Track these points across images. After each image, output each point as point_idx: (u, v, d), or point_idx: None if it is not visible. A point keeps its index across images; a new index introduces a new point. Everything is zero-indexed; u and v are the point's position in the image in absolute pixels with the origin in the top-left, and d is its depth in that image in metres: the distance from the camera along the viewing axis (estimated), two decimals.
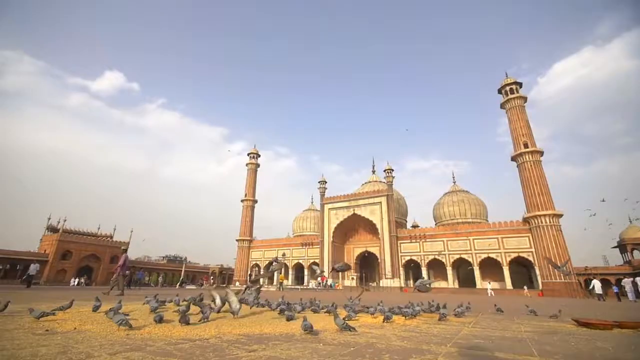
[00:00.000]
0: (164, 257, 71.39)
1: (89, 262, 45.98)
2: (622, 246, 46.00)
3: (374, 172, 64.46)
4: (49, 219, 44.64)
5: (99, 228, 51.11)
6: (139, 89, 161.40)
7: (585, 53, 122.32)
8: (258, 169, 65.58)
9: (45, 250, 42.90)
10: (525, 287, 34.94)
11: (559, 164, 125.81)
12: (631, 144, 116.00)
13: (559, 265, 25.59)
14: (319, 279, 45.33)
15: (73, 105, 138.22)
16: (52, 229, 44.33)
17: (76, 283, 40.49)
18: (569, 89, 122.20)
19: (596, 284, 23.15)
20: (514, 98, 42.69)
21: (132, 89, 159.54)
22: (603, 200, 31.92)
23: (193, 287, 37.04)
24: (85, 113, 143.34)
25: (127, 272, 13.58)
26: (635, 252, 44.19)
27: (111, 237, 50.32)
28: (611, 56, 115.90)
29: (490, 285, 35.00)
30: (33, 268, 18.47)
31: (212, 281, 39.33)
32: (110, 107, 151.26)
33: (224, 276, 50.35)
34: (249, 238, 59.78)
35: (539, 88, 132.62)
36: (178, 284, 32.24)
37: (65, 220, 43.92)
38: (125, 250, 13.42)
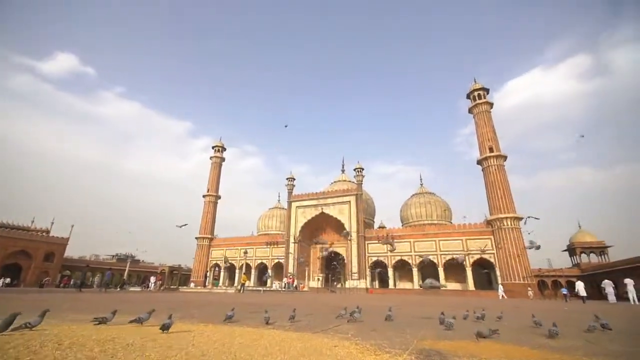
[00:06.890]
0: (113, 255, 65.07)
1: (18, 260, 40.04)
2: (571, 250, 48.76)
3: (343, 171, 63.52)
4: None
5: (32, 221, 45.05)
6: (94, 74, 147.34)
7: (535, 73, 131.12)
8: (223, 163, 62.17)
9: None
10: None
11: (508, 174, 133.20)
12: (572, 159, 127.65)
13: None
14: (285, 280, 43.07)
15: (18, 87, 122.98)
16: None
17: (0, 284, 34.89)
18: (520, 106, 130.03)
19: (579, 286, 21.93)
20: (481, 103, 43.78)
21: (86, 74, 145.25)
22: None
23: (138, 288, 33.14)
24: (32, 96, 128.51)
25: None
26: (583, 255, 46.99)
27: (47, 232, 44.47)
28: (556, 78, 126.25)
29: (501, 288, 31.94)
30: None
31: (159, 283, 35.48)
32: (59, 91, 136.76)
33: (175, 276, 46.23)
34: (209, 236, 56.07)
35: (495, 102, 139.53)
36: (119, 285, 28.41)
37: None
38: None
